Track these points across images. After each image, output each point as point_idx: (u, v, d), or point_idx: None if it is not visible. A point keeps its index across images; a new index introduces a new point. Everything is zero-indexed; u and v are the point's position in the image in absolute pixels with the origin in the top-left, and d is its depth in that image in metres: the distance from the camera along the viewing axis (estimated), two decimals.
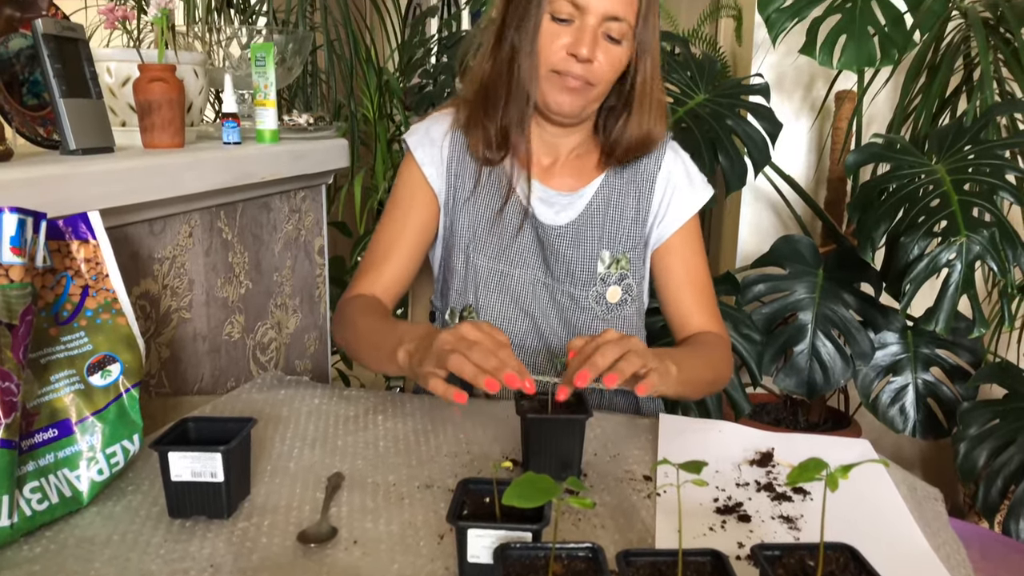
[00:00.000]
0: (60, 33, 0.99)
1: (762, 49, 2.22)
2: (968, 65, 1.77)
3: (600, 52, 0.99)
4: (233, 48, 1.51)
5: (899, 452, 2.24)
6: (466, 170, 1.11)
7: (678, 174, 1.12)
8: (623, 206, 1.10)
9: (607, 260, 1.10)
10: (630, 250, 1.10)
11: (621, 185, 1.11)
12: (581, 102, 1.02)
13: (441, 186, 1.11)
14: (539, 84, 1.02)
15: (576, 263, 1.09)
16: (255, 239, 1.33)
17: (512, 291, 1.10)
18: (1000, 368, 1.61)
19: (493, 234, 1.10)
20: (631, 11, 0.99)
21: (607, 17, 0.98)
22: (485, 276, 1.10)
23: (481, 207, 1.10)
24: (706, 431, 0.92)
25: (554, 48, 0.99)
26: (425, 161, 1.11)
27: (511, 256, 1.10)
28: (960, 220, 1.37)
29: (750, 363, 1.58)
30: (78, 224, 0.75)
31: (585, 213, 1.09)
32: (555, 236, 1.09)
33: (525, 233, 1.10)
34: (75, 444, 0.73)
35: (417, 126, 1.15)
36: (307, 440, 0.88)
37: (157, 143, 1.14)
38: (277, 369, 1.42)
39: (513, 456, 0.85)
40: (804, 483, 0.60)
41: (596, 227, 1.09)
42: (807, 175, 2.25)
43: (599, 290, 1.10)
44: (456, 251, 1.11)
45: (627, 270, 1.10)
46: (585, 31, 0.98)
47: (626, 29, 0.99)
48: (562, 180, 1.11)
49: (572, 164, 1.11)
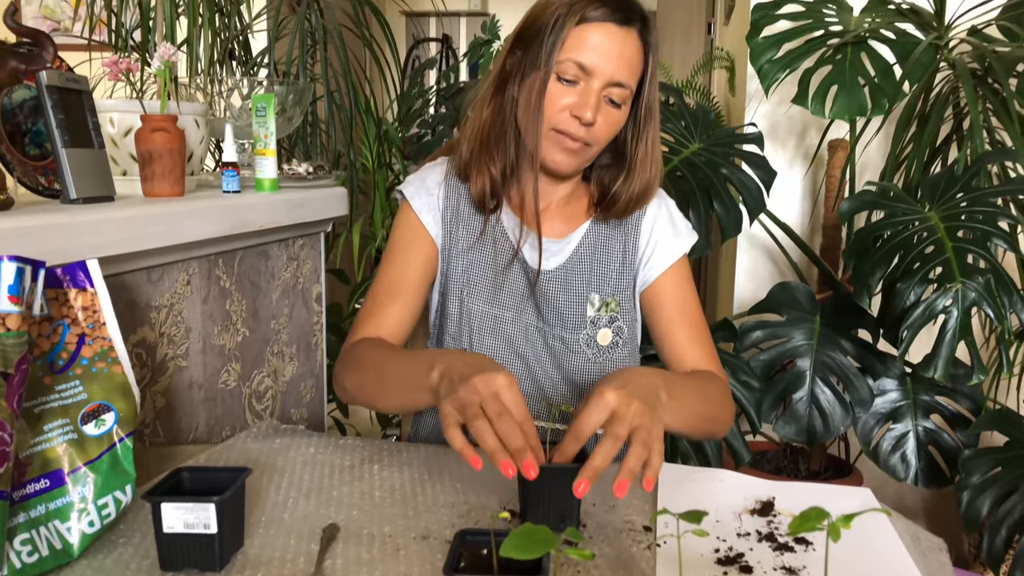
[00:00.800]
0: (64, 85, 1.01)
1: (755, 99, 2.26)
2: (958, 114, 1.79)
3: (602, 115, 1.01)
4: (234, 99, 1.53)
5: (902, 501, 2.21)
6: (462, 217, 1.12)
7: (663, 220, 1.13)
8: (610, 250, 1.12)
9: (596, 303, 1.10)
10: (619, 292, 1.11)
11: (607, 230, 1.12)
12: (578, 162, 1.05)
13: (438, 232, 1.12)
14: (538, 140, 1.03)
15: (565, 306, 1.10)
16: (253, 287, 1.34)
17: (506, 335, 1.11)
18: (1000, 415, 1.60)
19: (487, 278, 1.11)
20: (634, 77, 1.02)
21: (611, 83, 1.00)
22: (479, 320, 1.10)
23: (478, 254, 1.11)
24: (706, 480, 0.91)
25: (557, 108, 1.01)
26: (422, 209, 1.12)
27: (503, 300, 1.11)
28: (955, 266, 1.38)
29: (749, 410, 1.57)
30: (76, 272, 0.75)
31: (573, 257, 1.11)
32: (544, 280, 1.10)
33: (517, 277, 1.11)
34: (67, 495, 0.71)
35: (411, 177, 1.16)
36: (302, 490, 0.86)
37: (157, 192, 1.15)
38: (273, 418, 1.41)
39: (511, 506, 0.83)
40: (806, 533, 0.59)
41: (584, 271, 1.11)
42: (802, 222, 2.27)
43: (590, 333, 1.10)
44: (451, 296, 1.12)
45: (617, 313, 1.11)
46: (590, 94, 1.00)
47: (627, 95, 1.02)
48: (552, 226, 1.12)
49: (561, 211, 1.13)
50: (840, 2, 1.87)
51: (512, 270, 1.11)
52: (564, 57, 0.99)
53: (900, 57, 1.70)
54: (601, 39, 0.99)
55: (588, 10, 0.99)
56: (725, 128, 1.87)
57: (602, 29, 0.99)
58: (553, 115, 1.01)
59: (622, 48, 1.00)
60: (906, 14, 1.84)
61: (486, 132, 1.07)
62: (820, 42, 1.76)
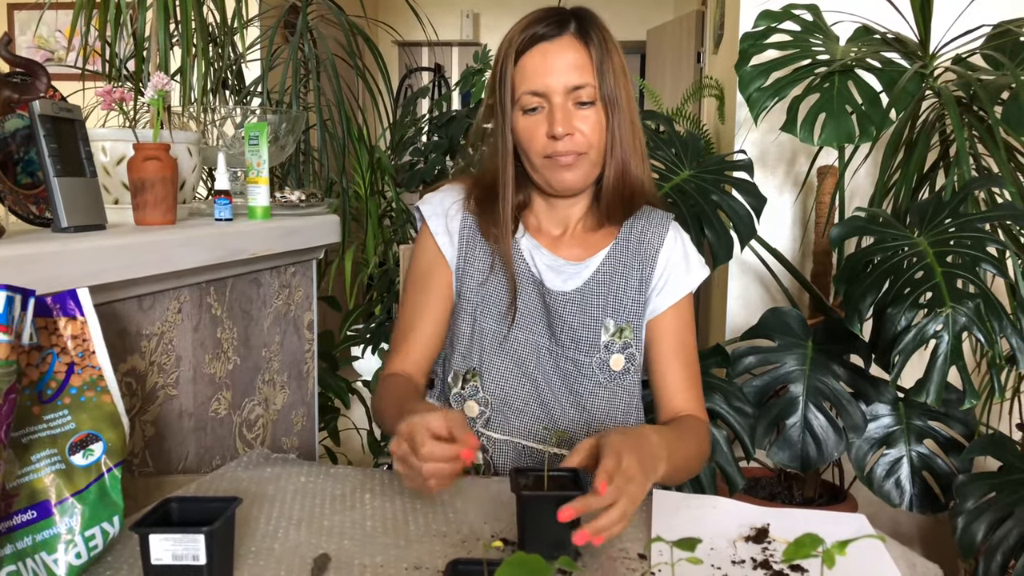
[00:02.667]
0: (56, 114, 1.01)
1: (744, 126, 2.28)
2: (944, 141, 1.82)
3: (577, 121, 1.04)
4: (227, 127, 1.54)
5: (897, 527, 2.20)
6: (478, 242, 1.15)
7: (678, 253, 1.15)
8: (627, 276, 1.13)
9: (611, 328, 1.12)
10: (633, 320, 1.12)
11: (626, 257, 1.14)
12: (580, 173, 1.07)
13: (453, 254, 1.15)
14: (538, 172, 1.08)
15: (580, 330, 1.11)
16: (244, 315, 1.33)
17: (516, 355, 1.12)
18: (993, 440, 1.60)
19: (502, 299, 1.13)
20: (588, 74, 1.04)
21: (568, 89, 1.03)
22: (491, 338, 1.12)
23: (493, 275, 1.14)
24: (700, 507, 0.91)
25: (536, 139, 1.06)
26: (439, 231, 1.16)
27: (517, 320, 1.12)
28: (945, 291, 1.39)
29: (743, 436, 1.57)
30: (66, 301, 0.75)
31: (591, 281, 1.12)
32: (561, 302, 1.11)
33: (532, 298, 1.12)
34: (54, 526, 0.71)
35: (431, 196, 1.20)
36: (293, 520, 0.86)
37: (149, 220, 1.15)
38: (263, 446, 1.40)
39: (504, 535, 0.83)
40: (801, 560, 0.59)
41: (601, 295, 1.12)
42: (793, 248, 2.28)
43: (603, 357, 1.11)
44: (464, 315, 1.14)
45: (631, 339, 1.12)
46: (555, 111, 1.04)
47: (592, 92, 1.05)
48: (571, 251, 1.14)
49: (580, 236, 1.16)
50: (827, 31, 1.90)
51: (528, 291, 1.12)
52: (519, 94, 1.05)
53: (886, 85, 1.73)
54: (539, 60, 1.04)
55: (518, 43, 1.04)
56: (715, 155, 1.88)
57: (537, 52, 1.04)
58: (537, 147, 1.06)
59: (560, 58, 1.03)
60: (891, 43, 1.87)
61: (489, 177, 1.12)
62: (808, 71, 1.78)
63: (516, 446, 1.13)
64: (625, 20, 5.41)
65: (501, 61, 1.06)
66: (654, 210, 1.16)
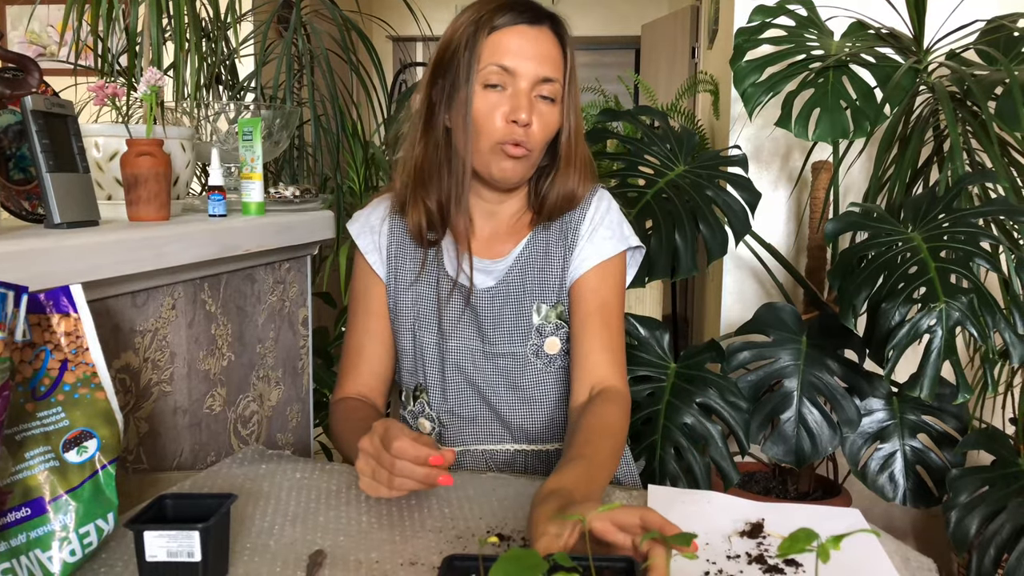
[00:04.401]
0: (49, 109, 1.00)
1: (739, 122, 2.29)
2: (938, 136, 1.82)
3: (536, 116, 1.00)
4: (221, 123, 1.53)
5: (891, 521, 2.21)
6: (406, 253, 1.12)
7: (599, 218, 1.11)
8: (549, 256, 1.10)
9: (543, 311, 1.09)
10: (563, 298, 1.10)
11: (548, 238, 1.10)
12: (523, 168, 1.04)
13: (383, 271, 1.13)
14: (483, 156, 1.02)
15: (509, 320, 1.09)
16: (239, 311, 1.33)
17: (456, 363, 1.11)
18: (986, 434, 1.60)
19: (434, 310, 1.11)
20: (558, 71, 1.02)
21: (538, 80, 1.00)
22: (431, 352, 1.11)
23: (424, 287, 1.12)
24: (695, 502, 0.91)
25: (493, 118, 1.00)
26: (368, 249, 1.14)
27: (447, 329, 1.10)
28: (938, 287, 1.39)
29: (737, 431, 1.57)
30: (59, 297, 0.75)
31: (513, 268, 1.10)
32: (486, 298, 1.09)
33: (457, 304, 1.10)
34: (48, 524, 0.70)
35: (358, 213, 1.18)
36: (288, 516, 0.85)
37: (143, 216, 1.14)
38: (258, 443, 1.40)
39: (500, 531, 0.83)
40: (796, 554, 0.59)
41: (526, 281, 1.10)
42: (787, 243, 2.29)
43: (536, 343, 1.09)
44: (403, 331, 1.13)
45: (563, 320, 1.10)
46: (520, 96, 0.99)
47: (558, 89, 1.02)
48: (502, 247, 1.11)
49: (509, 230, 1.12)
50: (821, 27, 1.90)
51: (453, 298, 1.10)
52: (484, 64, 0.99)
53: (880, 81, 1.73)
54: (516, 40, 1.00)
55: (496, 19, 1.00)
56: (710, 151, 1.88)
57: (515, 32, 1.00)
58: (492, 129, 1.00)
59: (538, 45, 1.00)
60: (886, 39, 1.87)
61: (419, 166, 1.07)
62: (802, 66, 1.78)
63: (483, 455, 1.13)
64: (620, 15, 5.41)
65: (470, 34, 1.00)
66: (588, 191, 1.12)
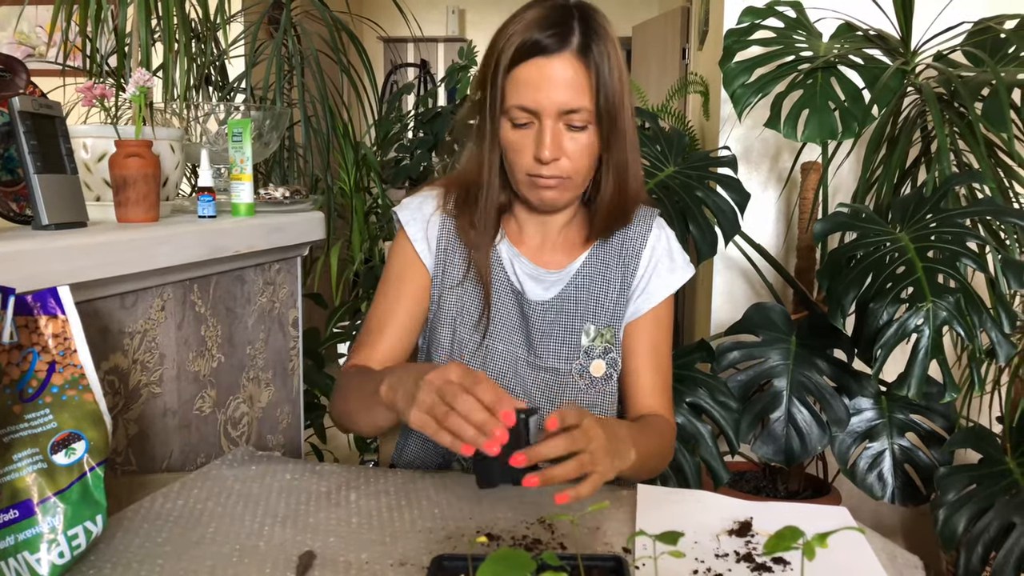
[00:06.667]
0: (37, 111, 1.00)
1: (729, 123, 2.29)
2: (925, 137, 1.83)
3: (567, 143, 0.99)
4: (211, 124, 1.53)
5: (879, 519, 2.22)
6: (455, 250, 1.12)
7: (661, 251, 1.12)
8: (608, 279, 1.10)
9: (591, 333, 1.09)
10: (615, 322, 1.10)
11: (608, 259, 1.11)
12: (563, 195, 1.04)
13: (431, 262, 1.12)
14: (521, 186, 1.04)
15: (559, 336, 1.09)
16: (228, 312, 1.33)
17: (495, 368, 1.10)
18: (974, 433, 1.61)
19: (480, 309, 1.10)
20: (584, 96, 0.97)
21: (561, 112, 0.98)
22: (471, 349, 1.10)
23: (471, 284, 1.11)
24: (684, 501, 0.91)
25: (522, 155, 1.01)
26: (417, 237, 1.12)
27: (494, 331, 1.10)
28: (925, 286, 1.40)
29: (727, 431, 1.58)
30: (47, 299, 0.74)
31: (570, 287, 1.10)
32: (540, 311, 1.09)
33: (509, 309, 1.10)
34: (36, 526, 0.70)
35: (408, 200, 1.16)
36: (278, 517, 0.85)
37: (132, 217, 1.14)
38: (249, 444, 1.40)
39: (489, 531, 0.83)
40: (783, 552, 0.59)
41: (581, 300, 1.10)
42: (777, 243, 2.30)
43: (583, 363, 1.09)
44: (443, 325, 1.11)
45: (612, 344, 1.10)
46: (544, 133, 0.98)
47: (587, 116, 0.98)
48: (552, 257, 1.11)
49: (561, 242, 1.12)
50: (810, 28, 1.91)
51: (505, 301, 1.10)
52: (509, 105, 0.99)
53: (868, 82, 1.74)
54: (533, 76, 0.97)
55: (515, 52, 0.97)
56: (700, 151, 1.89)
57: (532, 66, 0.97)
58: (523, 162, 1.01)
59: (556, 77, 0.96)
60: (873, 40, 1.89)
61: (467, 177, 1.09)
62: (791, 67, 1.79)
63: None
64: (610, 16, 5.37)
65: (494, 63, 1.00)
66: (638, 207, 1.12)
